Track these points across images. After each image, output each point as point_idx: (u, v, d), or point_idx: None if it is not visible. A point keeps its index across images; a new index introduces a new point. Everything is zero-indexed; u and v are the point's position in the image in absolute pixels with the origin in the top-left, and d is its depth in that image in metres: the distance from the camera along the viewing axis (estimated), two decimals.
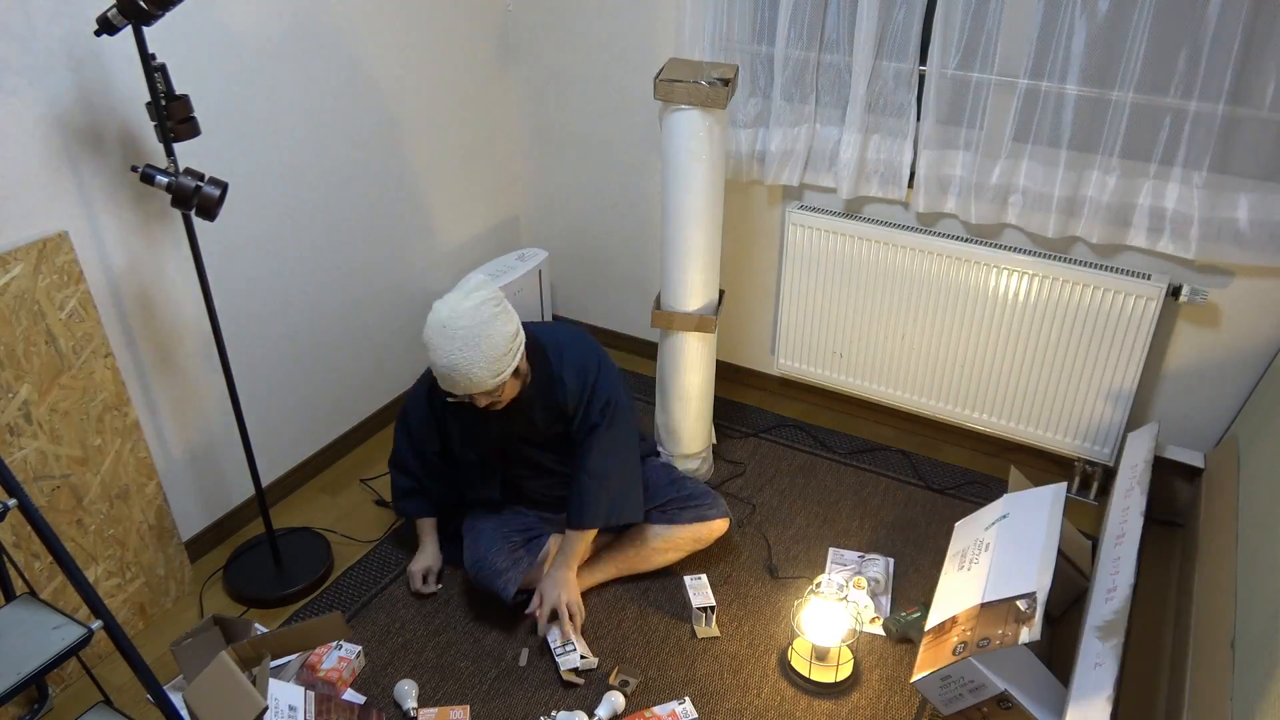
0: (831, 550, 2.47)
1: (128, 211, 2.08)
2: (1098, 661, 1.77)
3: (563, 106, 3.08)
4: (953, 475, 2.79)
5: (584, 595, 2.31)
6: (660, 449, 2.72)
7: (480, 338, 1.92)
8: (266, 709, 1.75)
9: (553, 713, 2.03)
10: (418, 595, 2.35)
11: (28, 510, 1.61)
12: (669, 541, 2.35)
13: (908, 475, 2.79)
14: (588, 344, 2.22)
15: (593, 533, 2.24)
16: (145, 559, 2.25)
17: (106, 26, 1.74)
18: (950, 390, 2.75)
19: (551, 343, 2.19)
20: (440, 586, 2.38)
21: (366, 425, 2.95)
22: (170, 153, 1.86)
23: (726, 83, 2.20)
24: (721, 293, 2.62)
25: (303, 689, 1.94)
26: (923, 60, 2.45)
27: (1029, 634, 1.75)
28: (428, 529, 2.44)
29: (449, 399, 2.07)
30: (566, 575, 2.19)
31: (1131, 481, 2.24)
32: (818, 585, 2.17)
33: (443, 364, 1.94)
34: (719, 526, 2.36)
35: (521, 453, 2.27)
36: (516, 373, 2.05)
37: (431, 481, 2.40)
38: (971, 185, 2.49)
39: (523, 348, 2.03)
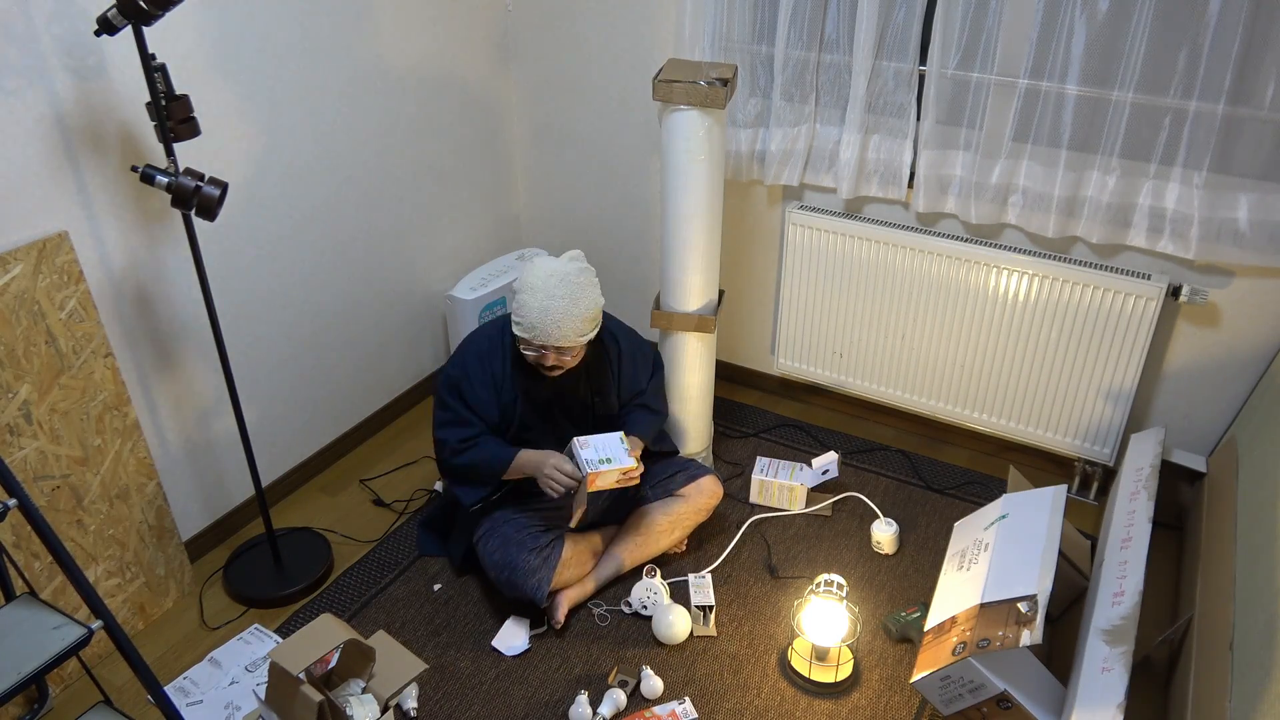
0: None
1: (128, 211, 2.08)
2: (1105, 666, 1.77)
3: (563, 106, 3.09)
4: (953, 475, 2.79)
5: (593, 596, 2.33)
6: None
7: (581, 295, 2.11)
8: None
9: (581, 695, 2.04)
10: (566, 487, 2.14)
11: (28, 510, 1.61)
12: (670, 518, 2.36)
13: (908, 475, 2.79)
14: (617, 319, 2.47)
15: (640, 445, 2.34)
16: (145, 559, 2.25)
17: (106, 26, 1.74)
18: (950, 390, 2.75)
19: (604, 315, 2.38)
20: (439, 589, 2.38)
21: (366, 425, 2.95)
22: (170, 153, 1.86)
23: (725, 83, 2.20)
24: (721, 293, 2.62)
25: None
26: (923, 60, 2.45)
27: (1030, 637, 1.75)
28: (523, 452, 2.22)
29: (524, 350, 2.16)
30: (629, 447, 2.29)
31: (1137, 485, 2.24)
32: (818, 585, 2.17)
33: (538, 309, 2.08)
34: (709, 486, 2.41)
35: (560, 420, 2.32)
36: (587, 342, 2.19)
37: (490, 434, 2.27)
38: (971, 185, 2.49)
39: (600, 320, 2.21)
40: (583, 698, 2.03)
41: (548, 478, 2.15)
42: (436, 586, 2.39)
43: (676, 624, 2.18)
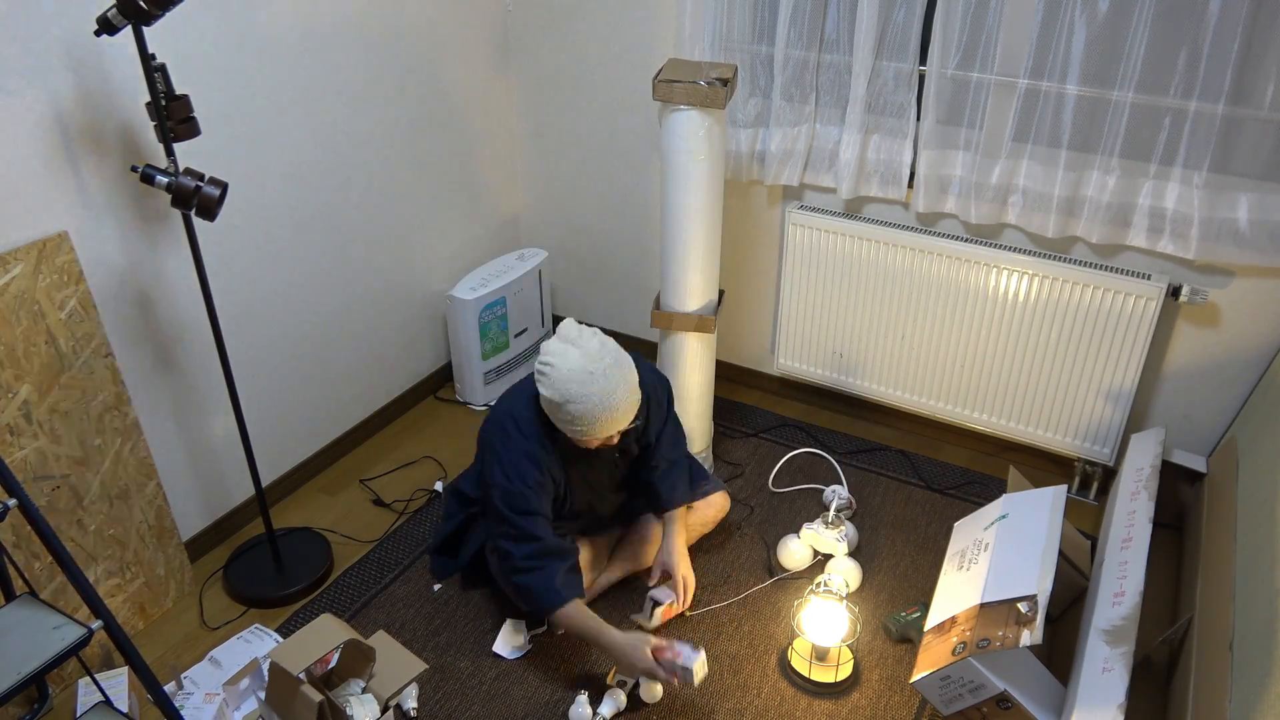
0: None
1: (128, 211, 2.08)
2: (1106, 666, 1.76)
3: (563, 106, 3.09)
4: (953, 475, 2.79)
5: (594, 599, 2.33)
6: None
7: (624, 373, 1.96)
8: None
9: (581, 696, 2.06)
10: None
11: (28, 510, 1.61)
12: None
13: (908, 475, 2.79)
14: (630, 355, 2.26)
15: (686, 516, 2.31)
16: (145, 559, 2.25)
17: (106, 26, 1.74)
18: (950, 390, 2.75)
19: None
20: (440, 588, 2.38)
21: (366, 425, 2.95)
22: (170, 153, 1.86)
23: (725, 83, 2.20)
24: (721, 293, 2.62)
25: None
26: (923, 60, 2.45)
27: (1030, 637, 1.75)
28: (592, 616, 2.05)
29: (582, 444, 2.02)
30: (685, 549, 2.24)
31: (1138, 485, 2.24)
32: (818, 585, 2.17)
33: (601, 408, 1.92)
34: (718, 501, 2.40)
35: (597, 485, 2.23)
36: None
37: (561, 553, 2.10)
38: (971, 185, 2.49)
39: None
40: (583, 698, 2.03)
41: (643, 675, 2.01)
42: (436, 587, 2.39)
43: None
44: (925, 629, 2.03)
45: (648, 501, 2.32)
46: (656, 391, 2.24)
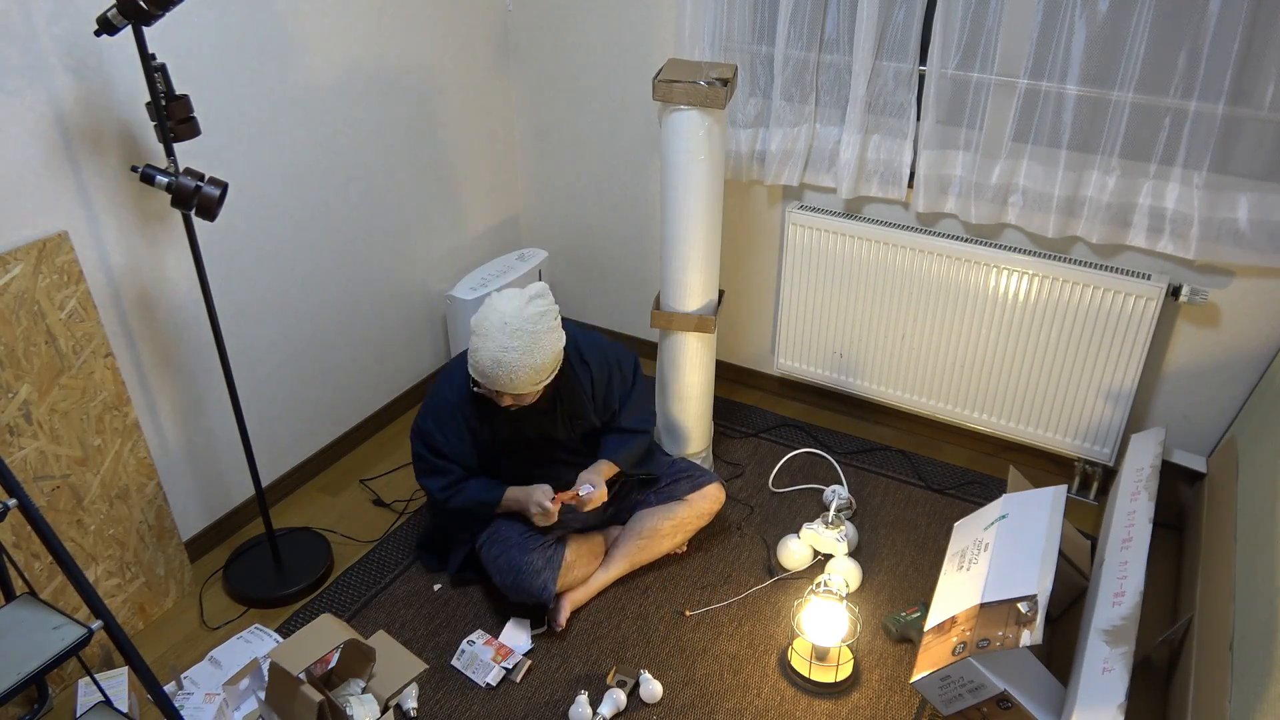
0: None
1: (128, 211, 2.08)
2: (1106, 666, 1.77)
3: (563, 106, 3.09)
4: (953, 475, 2.79)
5: (594, 599, 2.34)
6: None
7: (535, 346, 1.99)
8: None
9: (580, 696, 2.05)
10: (546, 512, 2.16)
11: (28, 510, 1.61)
12: (673, 523, 2.37)
13: (908, 475, 2.79)
14: (589, 334, 2.33)
15: (614, 469, 2.31)
16: (145, 559, 2.25)
17: (106, 26, 1.74)
18: (950, 390, 2.75)
19: (569, 340, 2.28)
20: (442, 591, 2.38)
21: (366, 425, 2.95)
22: (170, 153, 1.86)
23: (725, 83, 2.20)
24: (721, 293, 2.62)
25: None
26: (923, 60, 2.45)
27: (1030, 637, 1.75)
28: (513, 488, 2.26)
29: (477, 390, 2.13)
30: (604, 475, 2.26)
31: (1138, 485, 2.24)
32: (818, 585, 2.17)
33: (490, 357, 1.98)
34: (713, 492, 2.41)
35: (545, 450, 2.30)
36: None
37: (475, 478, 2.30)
38: (971, 185, 2.49)
39: (560, 362, 2.12)
40: (583, 698, 2.03)
41: (535, 516, 2.19)
42: (436, 586, 2.39)
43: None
44: (925, 629, 2.03)
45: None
46: (622, 367, 2.34)
